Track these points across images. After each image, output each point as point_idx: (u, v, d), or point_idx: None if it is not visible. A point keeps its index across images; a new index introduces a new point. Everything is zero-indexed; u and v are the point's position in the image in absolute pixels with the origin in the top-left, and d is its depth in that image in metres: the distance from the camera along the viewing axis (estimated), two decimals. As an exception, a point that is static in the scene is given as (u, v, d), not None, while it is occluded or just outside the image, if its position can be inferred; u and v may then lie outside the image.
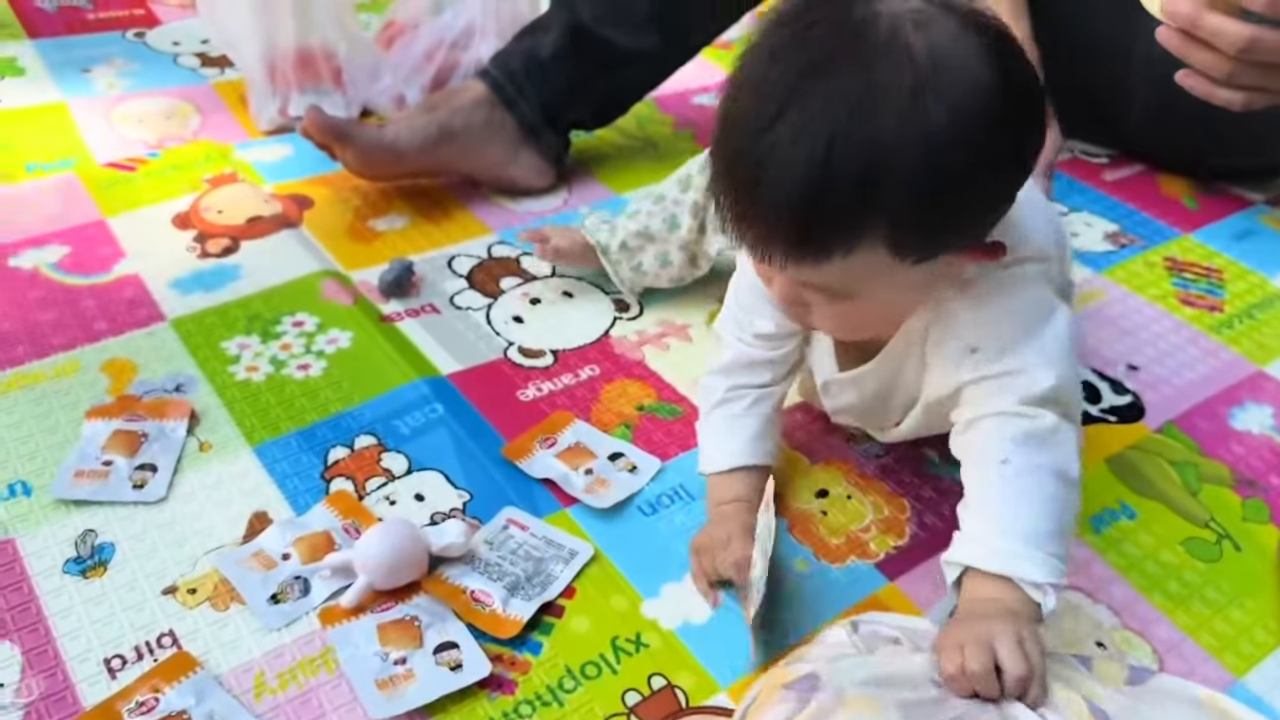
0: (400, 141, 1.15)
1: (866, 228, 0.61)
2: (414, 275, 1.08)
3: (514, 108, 1.21)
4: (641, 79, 1.30)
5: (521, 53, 1.22)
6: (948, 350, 0.71)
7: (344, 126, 1.13)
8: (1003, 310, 0.69)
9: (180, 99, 1.37)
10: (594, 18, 1.21)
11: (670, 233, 1.04)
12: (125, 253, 1.08)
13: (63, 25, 1.51)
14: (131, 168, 1.21)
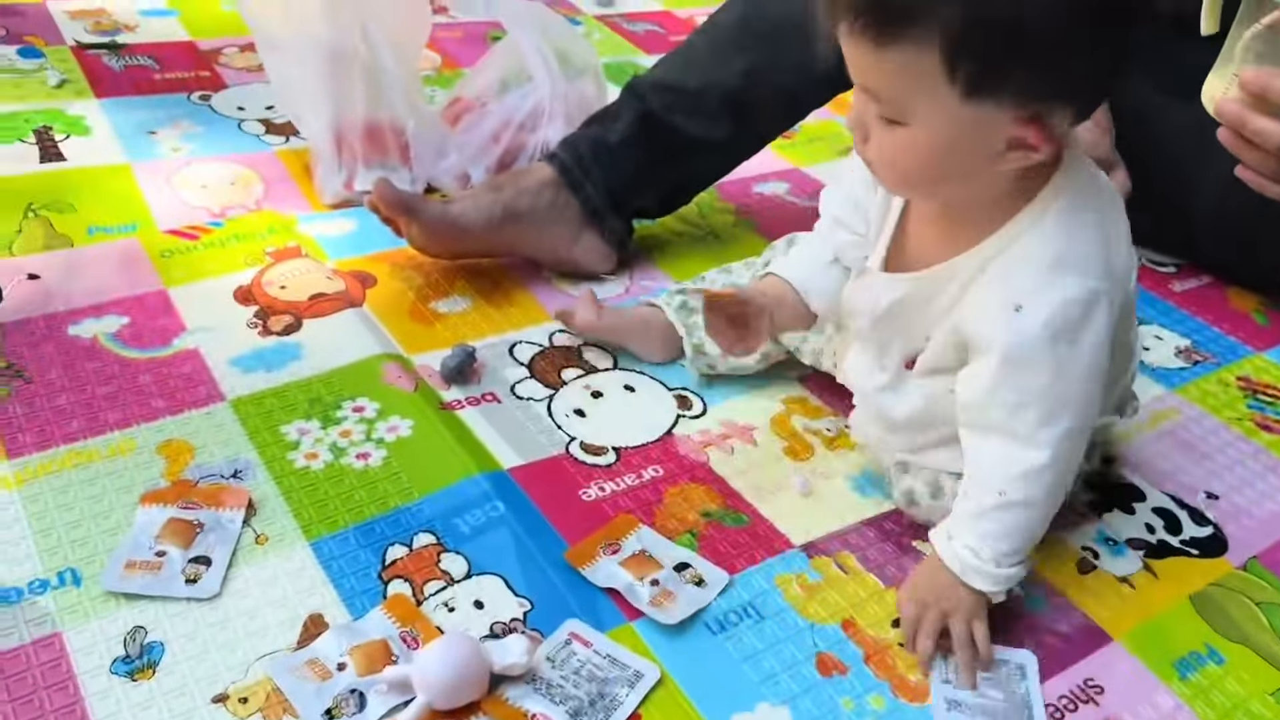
0: (466, 219, 1.14)
1: (929, 17, 0.63)
2: (476, 362, 1.06)
3: (579, 190, 1.20)
4: (709, 168, 1.29)
5: (589, 138, 1.22)
6: (994, 294, 0.74)
7: (411, 201, 1.12)
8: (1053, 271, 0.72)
9: (244, 166, 1.36)
10: (664, 106, 1.21)
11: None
12: (186, 326, 1.06)
13: (130, 85, 1.52)
14: (194, 236, 1.20)
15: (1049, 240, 0.73)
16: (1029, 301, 0.73)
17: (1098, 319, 0.73)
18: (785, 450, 1.01)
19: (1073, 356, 0.74)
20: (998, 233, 0.75)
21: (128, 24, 1.70)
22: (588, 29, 1.99)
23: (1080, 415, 0.76)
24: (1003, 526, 0.77)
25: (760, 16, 1.19)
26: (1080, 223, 0.74)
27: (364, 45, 1.27)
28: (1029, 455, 0.76)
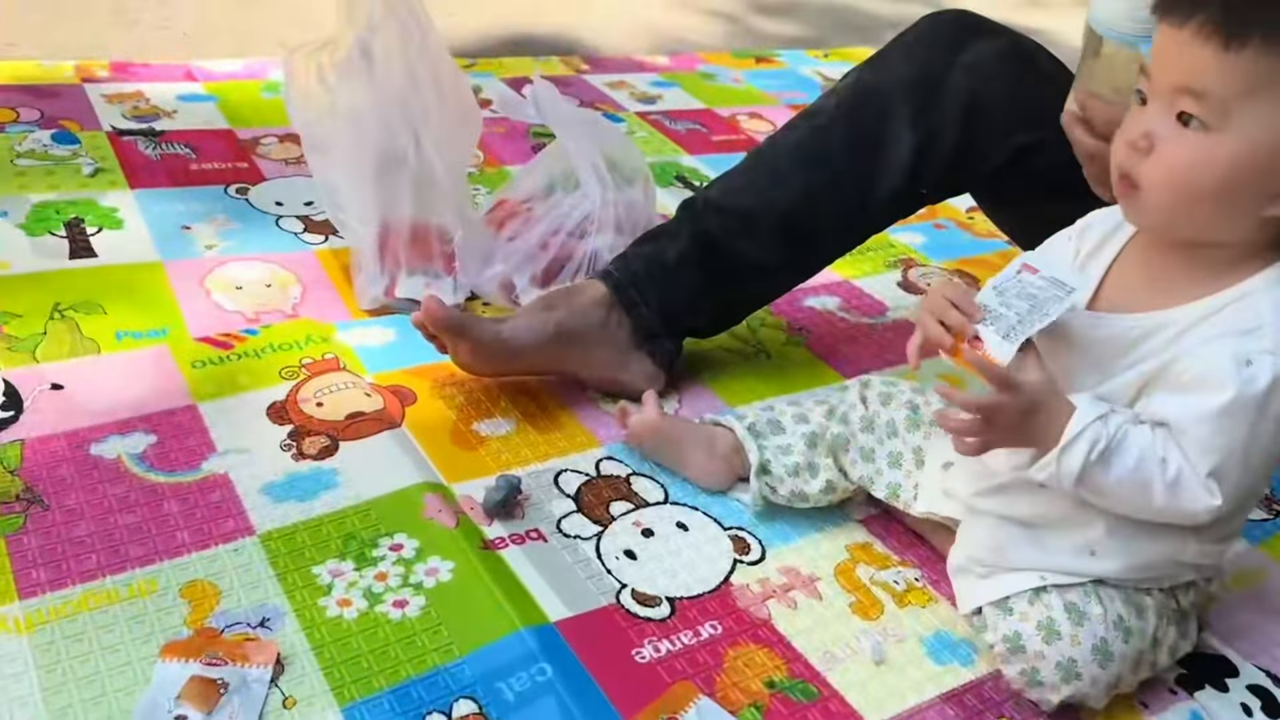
0: (518, 339, 1.09)
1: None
2: (521, 494, 0.99)
3: (633, 310, 1.15)
4: (764, 291, 1.25)
5: (644, 256, 1.17)
6: (1226, 344, 0.74)
7: (461, 321, 1.07)
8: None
9: (281, 267, 1.31)
10: (721, 228, 1.16)
11: (797, 425, 1.03)
12: (216, 447, 1.00)
13: (165, 175, 1.48)
14: (228, 344, 1.15)
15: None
16: (1260, 362, 0.74)
17: None
18: (853, 607, 0.94)
19: (1274, 431, 0.75)
20: (1224, 291, 0.77)
21: (166, 109, 1.67)
22: (630, 127, 1.96)
23: (1248, 481, 0.77)
24: (1128, 474, 0.76)
25: (821, 140, 1.16)
26: None
27: (414, 149, 1.22)
28: (1191, 483, 0.76)
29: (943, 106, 1.12)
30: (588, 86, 2.13)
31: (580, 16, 2.60)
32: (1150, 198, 0.77)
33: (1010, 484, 0.87)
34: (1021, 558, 0.86)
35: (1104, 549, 0.84)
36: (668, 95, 2.16)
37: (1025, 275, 0.81)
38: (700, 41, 2.58)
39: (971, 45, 1.14)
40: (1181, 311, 0.78)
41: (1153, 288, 0.81)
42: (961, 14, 1.19)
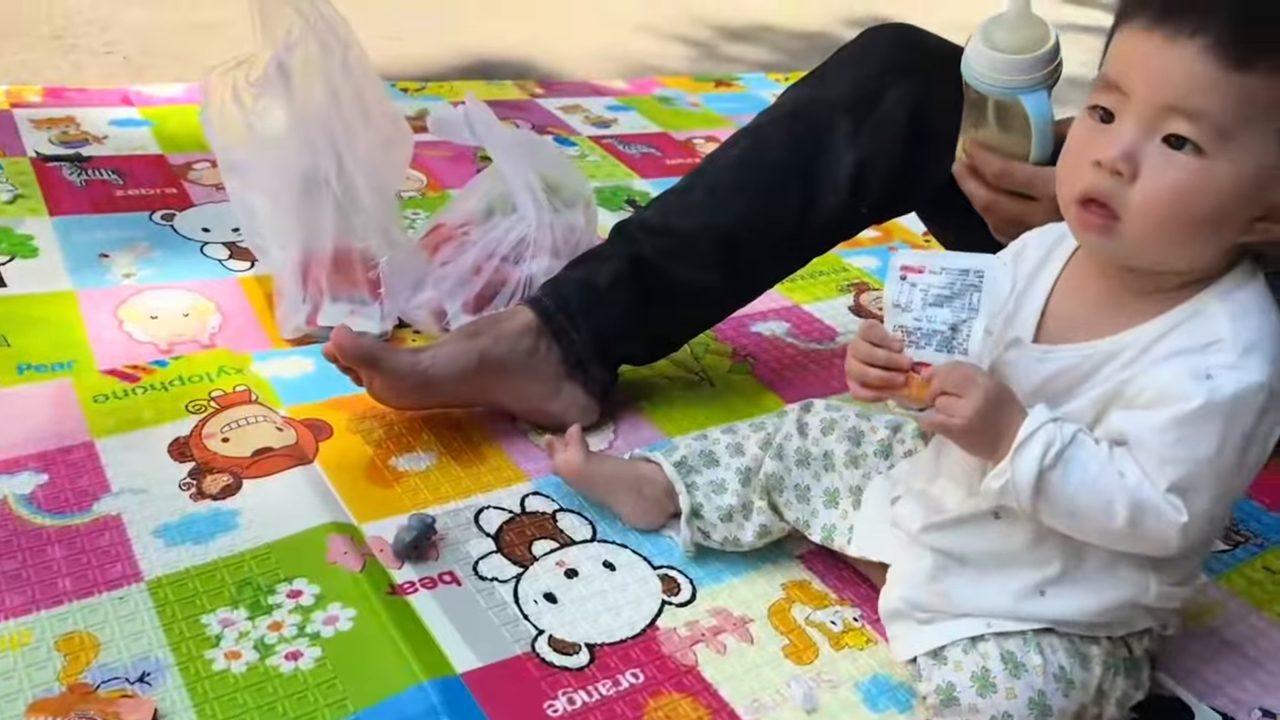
0: (436, 370, 1.03)
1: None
2: (435, 534, 0.94)
3: (562, 338, 1.10)
4: (702, 316, 1.20)
5: (575, 280, 1.12)
6: (1184, 361, 0.71)
7: (375, 351, 1.01)
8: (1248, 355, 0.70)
9: (201, 295, 1.26)
10: (656, 250, 1.12)
11: (732, 458, 0.97)
12: (110, 486, 0.94)
13: (88, 202, 1.43)
14: (135, 377, 1.09)
15: (1242, 327, 0.71)
16: (1221, 375, 0.69)
17: (1268, 422, 0.71)
18: (786, 650, 0.88)
19: (1241, 446, 0.70)
20: (1174, 310, 0.73)
21: (96, 135, 1.62)
22: (582, 150, 1.92)
23: (1216, 506, 0.72)
24: (1087, 486, 0.71)
25: (760, 158, 1.12)
26: (1273, 326, 0.72)
27: (336, 171, 1.17)
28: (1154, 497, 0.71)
29: (883, 123, 1.08)
30: (541, 110, 2.09)
31: (542, 41, 2.57)
32: (1133, 228, 0.70)
33: (965, 519, 0.81)
34: (965, 599, 0.81)
35: (1056, 590, 0.79)
36: (623, 119, 2.12)
37: (915, 278, 0.75)
38: (665, 67, 2.55)
39: (913, 60, 1.10)
40: (1134, 334, 0.74)
41: (1099, 313, 0.76)
42: (902, 28, 1.15)
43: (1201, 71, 0.66)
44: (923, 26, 1.17)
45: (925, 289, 0.75)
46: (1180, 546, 0.72)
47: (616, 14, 2.92)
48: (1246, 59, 0.65)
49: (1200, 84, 0.66)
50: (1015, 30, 0.89)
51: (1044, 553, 0.79)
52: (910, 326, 0.75)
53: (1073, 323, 0.78)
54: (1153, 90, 0.68)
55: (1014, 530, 0.79)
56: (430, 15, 2.58)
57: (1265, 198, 0.69)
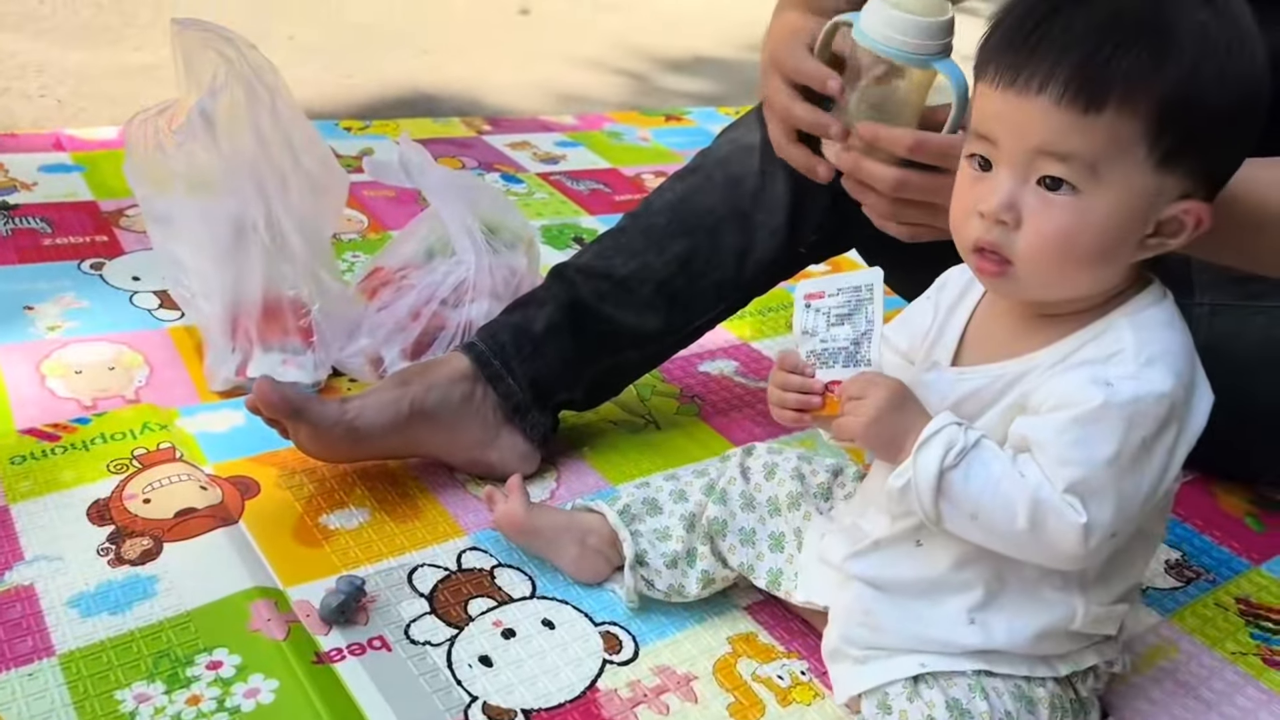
0: (363, 420, 1.00)
1: (1145, 87, 0.66)
2: (365, 597, 0.90)
3: (498, 384, 1.07)
4: (641, 359, 1.18)
5: (511, 325, 1.10)
6: (1083, 371, 0.72)
7: (298, 402, 0.97)
8: (1149, 366, 0.71)
9: (129, 347, 1.22)
10: (594, 293, 1.10)
11: (676, 503, 0.96)
12: (23, 554, 0.90)
13: (14, 252, 1.38)
14: (55, 436, 1.05)
15: (1145, 340, 0.73)
16: (1120, 384, 0.71)
17: (1170, 435, 0.72)
18: (731, 709, 0.85)
19: (1140, 454, 0.71)
20: (1084, 329, 0.75)
21: (25, 181, 1.58)
22: (530, 188, 1.90)
23: (1117, 517, 0.71)
24: (989, 489, 0.72)
25: (696, 200, 1.10)
26: (1178, 341, 0.74)
27: (264, 218, 1.14)
28: (1052, 497, 0.71)
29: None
30: (488, 148, 2.07)
31: (483, 78, 2.55)
32: (1027, 271, 0.72)
33: (884, 541, 0.81)
34: (896, 629, 0.80)
35: (984, 617, 0.78)
36: (571, 155, 2.10)
37: (817, 303, 0.81)
38: (606, 99, 2.54)
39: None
40: (1044, 353, 0.76)
41: (1013, 336, 0.78)
42: None
43: (1058, 120, 0.68)
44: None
45: (827, 311, 0.80)
46: (1083, 553, 0.72)
47: (552, 47, 2.91)
48: (1096, 103, 0.67)
49: (1060, 130, 0.68)
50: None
51: (966, 576, 0.79)
52: (819, 349, 0.80)
53: (989, 345, 0.80)
54: (1018, 139, 0.70)
55: (935, 555, 0.80)
56: (364, 50, 2.57)
57: (1150, 216, 0.71)
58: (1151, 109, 0.67)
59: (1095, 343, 0.74)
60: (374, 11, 3.01)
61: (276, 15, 2.78)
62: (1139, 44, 0.67)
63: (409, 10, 3.08)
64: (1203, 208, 0.72)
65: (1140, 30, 0.67)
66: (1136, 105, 0.67)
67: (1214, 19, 0.68)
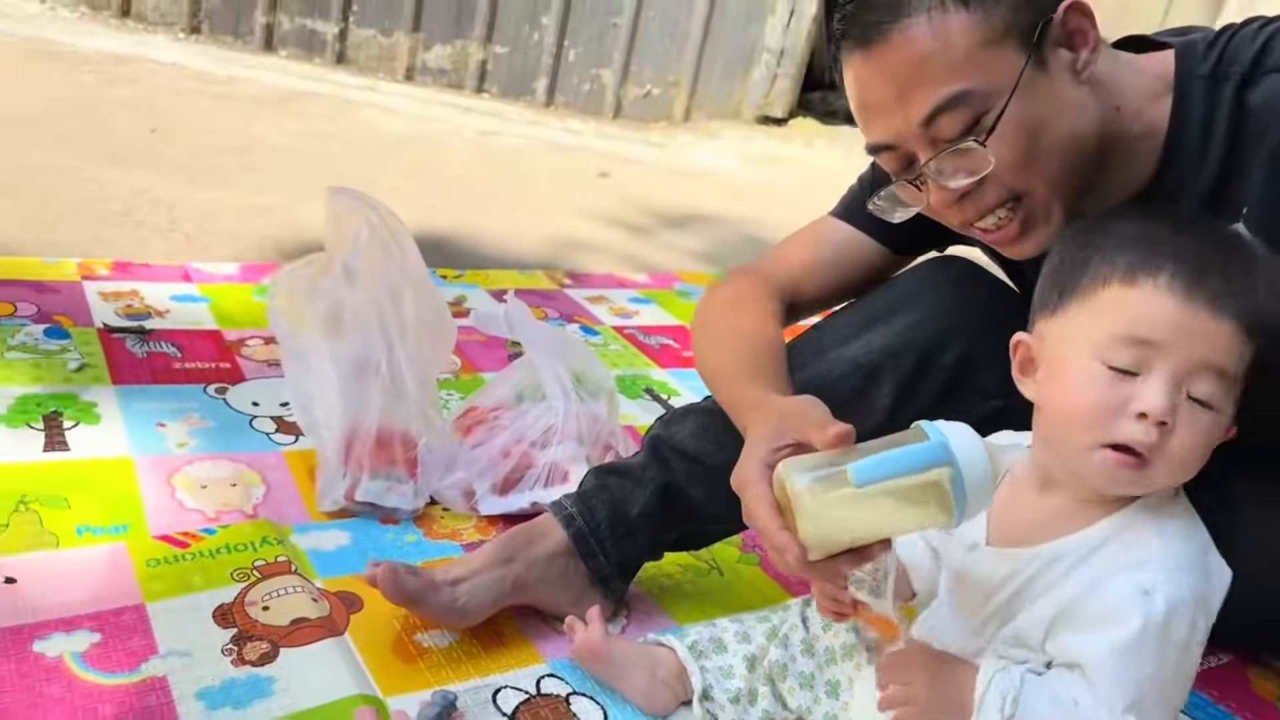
0: (473, 604, 1.09)
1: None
2: (455, 711, 0.99)
3: (591, 560, 1.15)
4: (719, 534, 1.27)
5: (610, 503, 1.16)
6: (1122, 578, 0.79)
7: (416, 594, 1.06)
8: (1179, 570, 0.79)
9: (248, 466, 1.35)
10: (686, 476, 1.16)
11: (740, 644, 1.04)
12: (158, 649, 1.01)
13: (148, 373, 1.54)
14: (184, 543, 1.17)
15: (1171, 542, 0.80)
16: (1155, 595, 0.77)
17: (1201, 628, 0.79)
18: (782, 843, 0.92)
19: (1181, 657, 0.78)
20: (1109, 518, 0.82)
21: (158, 309, 1.75)
22: (605, 339, 2.04)
23: (1170, 716, 0.80)
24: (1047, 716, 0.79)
25: None
26: (1198, 548, 0.81)
27: (387, 360, 1.28)
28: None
29: (926, 374, 1.10)
30: (569, 300, 2.23)
31: (565, 235, 2.74)
32: (1165, 471, 0.80)
33: None
34: None
35: None
36: (644, 311, 2.26)
37: None
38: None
39: (968, 306, 1.12)
40: (1074, 541, 0.83)
41: (1041, 520, 0.86)
42: (964, 263, 1.16)
43: (1234, 343, 0.78)
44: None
45: None
46: None
47: (628, 209, 3.09)
48: (1253, 331, 0.79)
49: (1228, 350, 0.78)
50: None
51: None
52: (853, 574, 0.89)
53: (1018, 526, 0.87)
54: (1189, 350, 0.78)
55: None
56: (461, 205, 2.78)
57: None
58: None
59: (1122, 541, 0.82)
60: (470, 170, 3.25)
61: (383, 162, 3.02)
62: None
63: (501, 171, 3.32)
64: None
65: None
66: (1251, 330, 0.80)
67: None
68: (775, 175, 4.15)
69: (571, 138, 4.06)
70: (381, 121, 3.61)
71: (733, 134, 4.67)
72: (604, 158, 3.80)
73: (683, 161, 4.12)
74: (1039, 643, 0.83)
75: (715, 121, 4.74)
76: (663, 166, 3.95)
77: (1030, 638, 0.84)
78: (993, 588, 0.86)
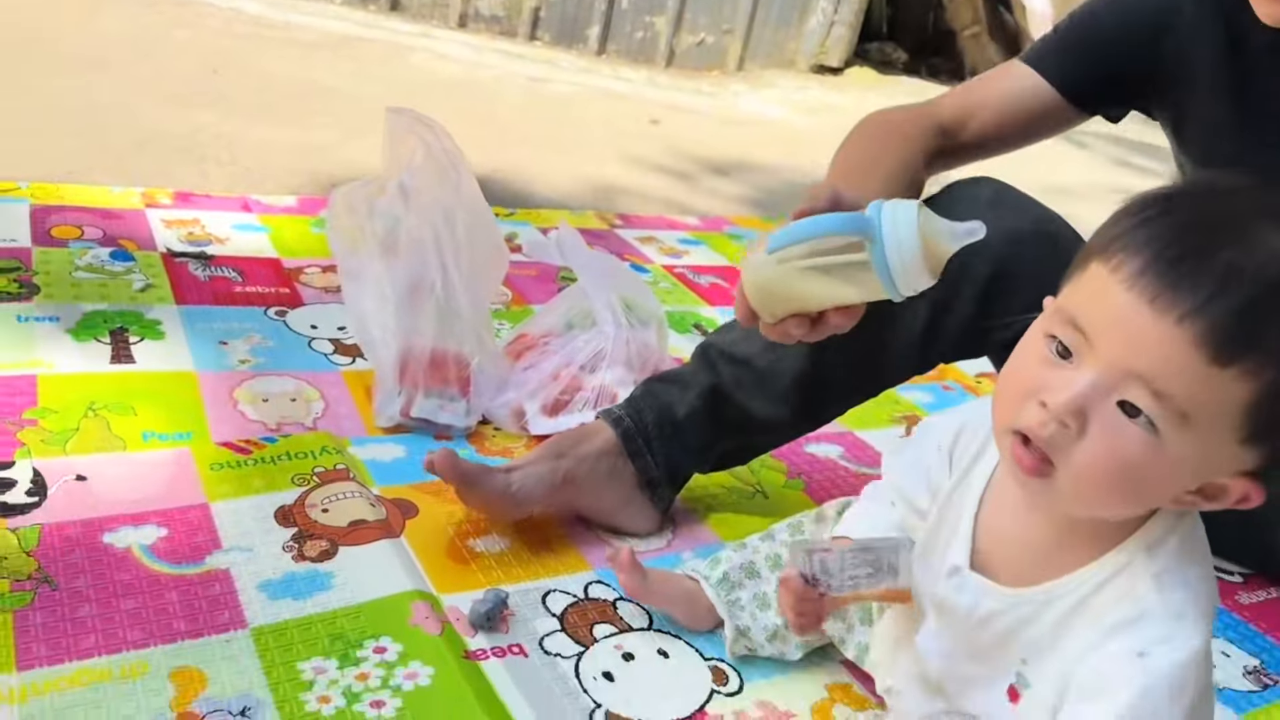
0: (525, 491, 1.12)
1: (1273, 365, 0.62)
2: (507, 609, 1.02)
3: (637, 459, 1.18)
4: (768, 443, 1.28)
5: (656, 405, 1.19)
6: (1118, 642, 0.71)
7: (473, 473, 1.10)
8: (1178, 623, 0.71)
9: (308, 383, 1.39)
10: (734, 380, 1.18)
11: (772, 572, 1.02)
12: (221, 543, 1.05)
13: (210, 295, 1.58)
14: (246, 450, 1.21)
15: (1168, 587, 0.72)
16: (1155, 651, 0.70)
17: (1206, 674, 0.72)
18: (824, 744, 0.94)
19: (1190, 712, 0.71)
20: (1103, 559, 0.75)
21: (219, 236, 1.79)
22: (655, 277, 2.05)
23: None
24: None
25: None
26: (1198, 575, 0.74)
27: (441, 281, 1.31)
28: None
29: (965, 278, 1.10)
30: (619, 240, 2.24)
31: (615, 179, 2.75)
32: (1068, 484, 0.69)
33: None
34: None
35: None
36: (694, 252, 2.26)
37: (840, 549, 0.85)
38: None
39: (1002, 216, 1.09)
40: (1066, 583, 0.76)
41: (1030, 553, 0.79)
42: (993, 182, 1.17)
43: (1181, 357, 0.63)
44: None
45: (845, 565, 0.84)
46: None
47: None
48: (1229, 356, 0.62)
49: (1176, 368, 0.63)
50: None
51: None
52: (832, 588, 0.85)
53: (1005, 555, 0.80)
54: (1125, 355, 0.65)
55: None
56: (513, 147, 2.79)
57: (1210, 475, 0.69)
58: (1275, 385, 0.63)
59: (1116, 591, 0.73)
60: (521, 116, 3.26)
61: (435, 107, 3.04)
62: None
63: (552, 117, 3.33)
64: (1253, 486, 0.69)
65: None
66: (1264, 376, 0.63)
67: None
68: (829, 124, 4.10)
69: (623, 86, 4.06)
70: (434, 67, 3.63)
71: (787, 83, 4.63)
72: (655, 106, 3.79)
73: (735, 110, 4.10)
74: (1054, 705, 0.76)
75: (769, 71, 4.70)
76: (715, 115, 3.94)
77: (1046, 702, 0.77)
78: (978, 622, 0.81)
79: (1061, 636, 0.76)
